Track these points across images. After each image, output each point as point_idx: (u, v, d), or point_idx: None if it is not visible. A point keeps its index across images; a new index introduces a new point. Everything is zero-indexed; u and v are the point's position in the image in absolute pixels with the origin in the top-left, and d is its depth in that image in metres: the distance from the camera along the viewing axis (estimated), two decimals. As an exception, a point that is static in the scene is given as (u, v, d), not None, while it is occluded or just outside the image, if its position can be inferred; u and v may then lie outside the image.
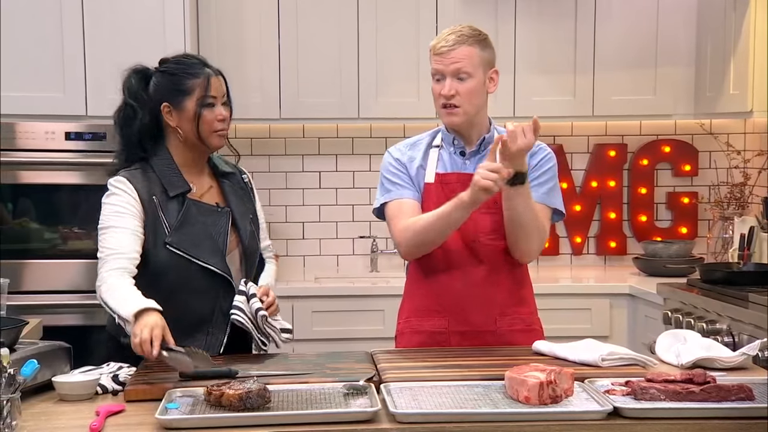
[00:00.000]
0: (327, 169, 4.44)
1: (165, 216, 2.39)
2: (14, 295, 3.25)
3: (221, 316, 2.43)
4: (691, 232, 4.48)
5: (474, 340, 2.51)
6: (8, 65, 3.66)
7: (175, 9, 3.72)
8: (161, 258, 2.38)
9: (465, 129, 2.55)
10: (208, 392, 1.89)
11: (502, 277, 2.55)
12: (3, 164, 3.63)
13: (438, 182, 2.53)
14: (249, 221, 2.55)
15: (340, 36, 4.11)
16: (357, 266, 4.45)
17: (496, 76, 2.54)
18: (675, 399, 1.89)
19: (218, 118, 2.42)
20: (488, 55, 2.51)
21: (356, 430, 1.80)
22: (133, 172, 2.43)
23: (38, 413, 1.92)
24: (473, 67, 2.46)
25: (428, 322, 2.57)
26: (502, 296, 2.55)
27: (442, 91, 2.48)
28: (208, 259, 2.40)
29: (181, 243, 2.38)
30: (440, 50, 2.47)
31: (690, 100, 4.20)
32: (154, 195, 2.40)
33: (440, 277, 2.54)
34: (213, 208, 2.47)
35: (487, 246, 2.52)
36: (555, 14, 4.14)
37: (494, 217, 2.50)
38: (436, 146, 2.59)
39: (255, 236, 2.57)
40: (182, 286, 2.39)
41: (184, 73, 2.44)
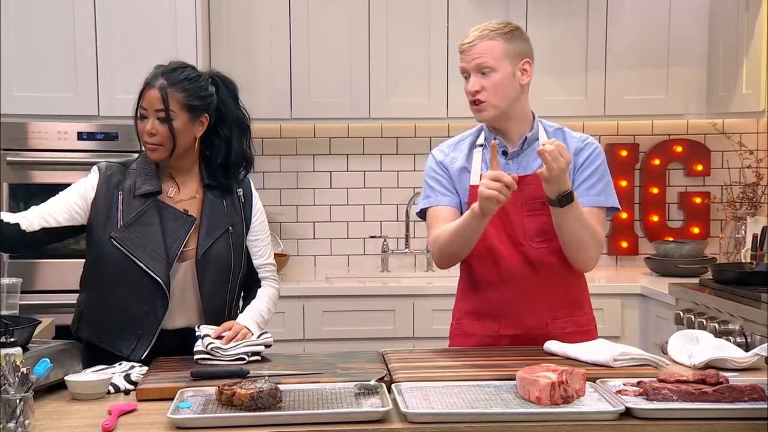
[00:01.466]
0: (338, 169, 4.44)
1: (123, 210, 2.40)
2: (27, 295, 3.27)
3: (153, 321, 2.39)
4: (704, 232, 4.46)
5: (526, 343, 2.45)
6: (21, 65, 3.68)
7: (186, 10, 3.73)
8: (105, 248, 2.39)
9: (501, 124, 2.49)
10: (220, 392, 1.89)
11: (554, 279, 2.48)
12: (16, 164, 3.65)
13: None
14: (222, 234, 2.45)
15: (351, 36, 4.11)
16: (368, 266, 4.45)
17: (530, 67, 2.48)
18: (687, 399, 1.89)
19: (145, 130, 2.39)
20: (516, 47, 2.45)
21: (367, 429, 1.80)
22: (114, 164, 2.49)
23: (51, 412, 1.92)
24: (495, 61, 2.42)
25: (479, 325, 2.52)
26: (554, 299, 2.49)
27: (467, 88, 2.46)
28: (147, 262, 2.37)
29: (125, 240, 2.38)
30: (463, 48, 2.46)
31: (702, 100, 4.19)
32: (122, 190, 2.42)
33: (491, 281, 2.49)
34: (178, 214, 2.43)
35: (537, 249, 2.46)
36: (566, 14, 4.13)
37: (542, 218, 2.44)
38: (480, 145, 2.53)
39: (231, 251, 2.47)
40: (121, 281, 2.39)
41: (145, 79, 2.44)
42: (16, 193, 3.67)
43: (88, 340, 2.44)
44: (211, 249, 2.44)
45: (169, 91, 2.37)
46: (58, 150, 3.68)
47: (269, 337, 2.38)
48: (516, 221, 2.46)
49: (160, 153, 2.40)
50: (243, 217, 2.53)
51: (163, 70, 2.41)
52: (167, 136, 2.37)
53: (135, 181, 2.43)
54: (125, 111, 3.63)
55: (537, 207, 2.44)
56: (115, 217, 2.40)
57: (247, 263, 2.55)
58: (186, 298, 2.44)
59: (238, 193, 2.53)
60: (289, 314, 3.80)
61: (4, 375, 1.76)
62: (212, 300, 2.46)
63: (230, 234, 2.48)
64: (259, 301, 2.53)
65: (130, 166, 2.47)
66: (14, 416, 1.75)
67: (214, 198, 2.48)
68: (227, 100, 2.49)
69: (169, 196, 2.45)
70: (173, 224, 2.41)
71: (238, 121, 2.51)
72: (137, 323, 2.39)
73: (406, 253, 4.44)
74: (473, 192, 2.42)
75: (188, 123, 2.40)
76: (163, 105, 2.36)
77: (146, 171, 2.44)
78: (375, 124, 4.29)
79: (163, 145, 2.38)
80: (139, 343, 2.39)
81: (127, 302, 2.39)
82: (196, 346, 2.29)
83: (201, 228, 2.44)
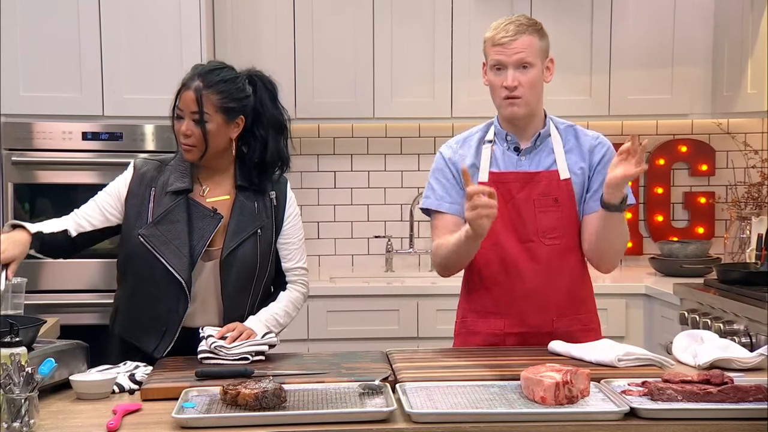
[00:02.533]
0: (342, 169, 4.44)
1: (153, 207, 2.41)
2: (32, 295, 3.27)
3: (175, 318, 2.40)
4: (708, 232, 4.46)
5: (531, 341, 2.45)
6: (26, 66, 3.69)
7: (191, 10, 3.73)
8: (133, 244, 2.41)
9: (524, 122, 2.48)
10: (224, 391, 1.89)
11: (561, 277, 2.47)
12: (21, 164, 3.66)
13: (493, 182, 2.44)
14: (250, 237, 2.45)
15: (355, 36, 4.11)
16: (372, 266, 4.45)
17: (552, 66, 2.50)
18: (692, 400, 1.88)
19: (181, 130, 2.40)
20: (545, 44, 2.47)
21: (372, 429, 1.80)
22: (152, 161, 2.51)
23: (56, 412, 1.93)
24: (534, 57, 2.42)
25: (484, 323, 2.52)
26: (560, 297, 2.48)
27: (504, 83, 2.41)
28: (170, 260, 2.38)
29: (152, 237, 2.39)
30: (501, 41, 2.42)
31: (707, 100, 4.18)
32: (154, 186, 2.44)
33: (497, 278, 2.48)
34: (206, 212, 2.43)
35: (546, 246, 2.46)
36: (571, 14, 4.13)
37: (554, 215, 2.45)
38: (489, 141, 2.51)
39: (258, 254, 2.46)
40: (148, 278, 2.41)
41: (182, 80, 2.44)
42: (21, 193, 3.67)
43: (120, 335, 2.48)
44: (237, 251, 2.43)
45: (204, 93, 2.37)
46: (63, 150, 3.68)
47: (273, 337, 2.38)
48: (527, 217, 2.45)
49: (194, 154, 2.41)
50: (273, 220, 2.51)
51: (200, 71, 2.42)
52: (200, 138, 2.38)
53: (168, 178, 2.44)
54: (130, 111, 3.71)
55: (549, 204, 2.45)
56: (145, 214, 2.42)
57: (276, 266, 2.54)
58: (209, 299, 2.45)
59: (270, 196, 2.52)
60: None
61: (9, 374, 1.77)
62: (233, 302, 2.45)
63: (258, 237, 2.47)
64: (276, 305, 2.51)
65: (167, 164, 2.49)
66: (19, 416, 1.75)
67: (245, 200, 2.48)
68: (265, 100, 2.49)
69: (201, 195, 2.46)
70: (200, 222, 2.42)
71: (275, 121, 2.51)
72: (161, 320, 2.41)
73: (410, 253, 4.44)
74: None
75: (223, 125, 2.41)
76: (198, 107, 2.37)
77: (180, 168, 2.46)
78: (379, 124, 4.29)
79: (196, 147, 2.40)
80: (162, 340, 2.40)
81: (153, 298, 2.41)
82: (200, 346, 2.30)
83: (228, 229, 2.44)
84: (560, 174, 2.47)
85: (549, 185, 2.45)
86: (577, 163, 2.49)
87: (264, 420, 1.81)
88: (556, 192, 2.44)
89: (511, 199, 2.46)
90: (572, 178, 2.48)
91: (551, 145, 2.50)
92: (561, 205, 2.45)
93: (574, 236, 2.49)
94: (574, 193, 2.47)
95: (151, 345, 2.41)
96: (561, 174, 2.47)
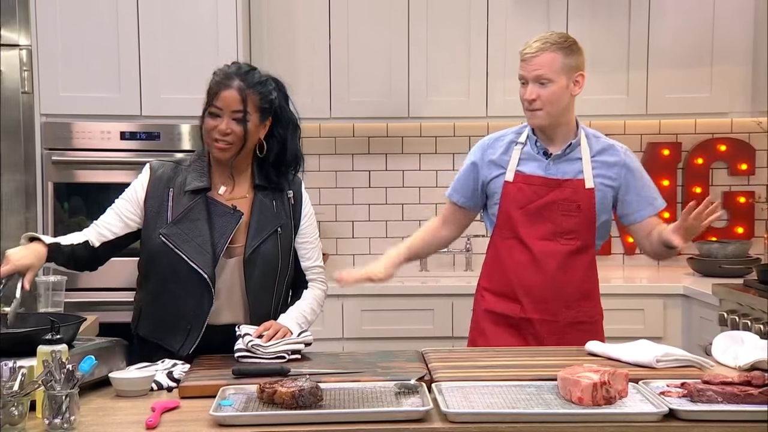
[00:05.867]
0: (377, 168, 4.45)
1: (173, 207, 2.43)
2: (71, 293, 3.32)
3: (200, 316, 2.41)
4: (748, 232, 4.40)
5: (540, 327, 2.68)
6: (65, 67, 3.74)
7: (227, 11, 3.76)
8: (155, 244, 2.43)
9: (550, 129, 2.70)
10: (261, 390, 1.90)
11: (572, 273, 2.69)
12: (60, 163, 3.71)
13: (519, 182, 2.70)
14: (271, 235, 2.47)
15: (390, 35, 4.11)
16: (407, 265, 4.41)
17: (582, 79, 2.68)
18: (732, 401, 1.86)
19: (217, 129, 2.40)
20: (573, 60, 2.65)
21: (408, 429, 1.80)
22: (167, 161, 2.54)
23: (95, 408, 1.95)
24: (554, 73, 2.62)
25: (499, 303, 2.74)
26: (568, 292, 2.69)
27: (524, 96, 2.66)
28: (193, 257, 2.39)
29: (173, 236, 2.41)
30: (524, 57, 2.66)
31: (747, 98, 4.12)
32: (172, 187, 2.45)
33: (516, 268, 2.71)
34: (226, 210, 2.45)
35: (563, 246, 2.69)
36: (608, 12, 4.09)
37: (574, 220, 2.68)
38: (520, 143, 2.74)
39: (279, 252, 2.48)
40: (171, 277, 2.42)
41: (215, 77, 2.46)
42: (60, 192, 3.72)
43: (144, 337, 2.49)
44: (259, 249, 2.45)
45: (247, 92, 2.41)
46: (102, 150, 3.73)
47: (309, 335, 2.39)
48: (550, 219, 2.68)
49: (229, 153, 2.43)
50: (292, 219, 2.54)
51: (237, 71, 2.44)
52: (240, 137, 2.41)
53: (186, 178, 2.46)
54: (168, 111, 3.74)
55: (572, 209, 2.68)
56: (165, 214, 2.43)
57: (295, 265, 2.56)
58: (233, 295, 2.46)
59: (288, 195, 2.55)
60: (329, 313, 3.81)
61: (50, 371, 1.79)
62: (258, 299, 2.47)
63: (279, 235, 2.49)
64: (303, 302, 2.54)
65: (183, 164, 2.51)
66: (60, 412, 1.78)
67: (264, 199, 2.50)
68: (282, 101, 2.52)
69: (219, 194, 2.47)
70: (221, 219, 2.43)
71: (292, 122, 2.54)
72: (186, 318, 2.42)
73: (445, 252, 4.42)
74: (506, 187, 2.71)
75: (257, 125, 2.44)
76: (242, 106, 2.40)
77: (197, 168, 2.48)
78: (414, 123, 4.28)
79: (233, 145, 2.42)
80: (187, 338, 2.42)
81: (177, 298, 2.42)
82: (237, 344, 2.31)
83: (250, 227, 2.46)
84: (586, 183, 2.69)
85: (574, 193, 2.68)
86: (606, 176, 2.71)
87: (300, 418, 1.82)
88: (580, 199, 2.67)
89: (536, 200, 2.68)
90: (597, 188, 2.69)
91: (579, 154, 2.71)
92: (582, 211, 2.68)
93: (589, 238, 2.72)
94: (596, 201, 2.69)
95: (177, 344, 2.42)
96: (586, 183, 2.69)
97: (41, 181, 3.71)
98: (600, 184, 2.69)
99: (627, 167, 2.73)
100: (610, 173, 2.71)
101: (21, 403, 1.77)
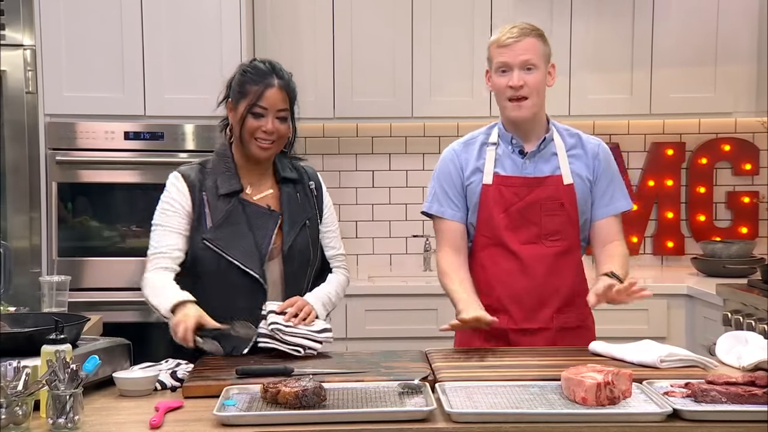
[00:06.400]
0: (380, 168, 4.45)
1: (210, 212, 2.43)
2: (75, 292, 3.33)
3: (255, 315, 2.40)
4: (752, 232, 4.39)
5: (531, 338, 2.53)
6: (69, 66, 3.74)
7: (231, 12, 3.77)
8: (199, 251, 2.42)
9: (528, 125, 2.55)
10: (265, 389, 1.90)
11: (561, 277, 2.56)
12: (64, 163, 3.71)
13: (498, 185, 2.55)
14: (302, 228, 2.49)
15: (394, 35, 4.11)
16: (410, 265, 4.45)
17: (554, 71, 2.58)
18: (737, 402, 1.85)
19: (262, 128, 2.41)
20: (548, 50, 2.55)
21: (411, 428, 1.80)
22: (193, 166, 2.51)
23: (99, 408, 1.95)
24: (538, 60, 2.49)
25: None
26: (559, 296, 2.55)
27: (510, 83, 2.48)
28: (242, 260, 2.40)
29: (218, 240, 2.41)
30: (506, 42, 2.49)
31: (751, 98, 4.12)
32: (205, 190, 2.45)
33: (500, 277, 2.56)
34: (263, 211, 2.46)
35: (548, 248, 2.54)
36: (612, 12, 4.09)
37: (559, 219, 2.54)
38: (493, 144, 2.58)
39: (310, 244, 2.51)
40: (219, 281, 2.42)
41: (250, 76, 2.45)
42: (64, 192, 3.73)
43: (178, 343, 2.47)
44: (295, 242, 2.47)
45: (288, 90, 2.44)
46: (106, 149, 3.73)
47: (330, 336, 2.39)
48: (532, 220, 2.54)
49: (271, 152, 2.46)
50: (316, 210, 2.57)
51: (272, 69, 2.45)
52: (284, 135, 2.45)
53: (215, 182, 2.46)
54: (171, 111, 3.74)
55: (555, 208, 2.54)
56: (204, 219, 2.43)
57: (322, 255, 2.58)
58: (275, 291, 2.47)
59: (309, 186, 2.57)
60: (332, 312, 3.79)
61: (54, 371, 1.80)
62: (294, 292, 2.48)
63: (307, 228, 2.51)
64: (328, 285, 2.56)
65: (207, 166, 2.50)
66: (64, 412, 1.78)
67: (290, 192, 2.52)
68: None
69: (247, 192, 2.48)
70: (259, 221, 2.45)
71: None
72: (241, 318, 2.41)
73: (448, 252, 4.42)
74: (485, 190, 2.55)
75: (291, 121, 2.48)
76: (287, 105, 2.43)
77: (224, 170, 2.47)
78: (417, 123, 4.29)
79: (276, 143, 2.44)
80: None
81: (229, 301, 2.41)
82: (260, 325, 2.34)
83: (284, 223, 2.47)
84: (564, 179, 2.56)
85: (556, 190, 2.54)
86: (581, 169, 2.58)
87: (304, 418, 1.82)
88: (561, 196, 2.53)
89: (516, 202, 2.54)
90: (575, 183, 2.56)
91: (554, 149, 2.58)
92: (565, 209, 2.54)
93: (575, 238, 2.58)
94: (576, 197, 2.56)
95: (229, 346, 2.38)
96: (564, 179, 2.56)
97: (45, 181, 3.72)
98: (577, 178, 2.56)
99: (599, 159, 2.58)
100: (585, 166, 2.58)
101: (25, 403, 1.78)
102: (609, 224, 2.61)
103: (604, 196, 2.59)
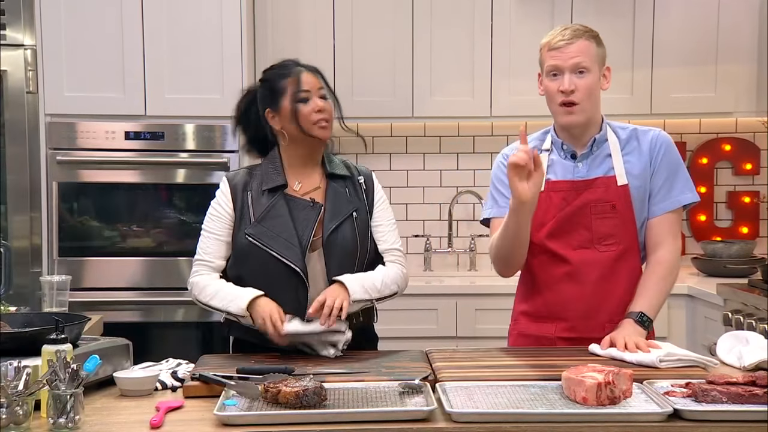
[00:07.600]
0: (381, 168, 4.44)
1: (254, 208, 2.46)
2: (75, 292, 3.33)
3: (299, 310, 2.41)
4: (753, 232, 4.39)
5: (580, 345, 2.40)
6: (70, 66, 3.74)
7: (232, 12, 3.77)
8: (242, 245, 2.45)
9: (580, 130, 2.46)
10: (265, 389, 1.90)
11: (615, 284, 2.44)
12: (65, 163, 3.71)
13: (549, 190, 2.45)
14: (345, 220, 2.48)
15: (394, 34, 4.11)
16: (411, 265, 4.39)
17: (609, 74, 2.49)
18: (737, 401, 1.85)
19: (315, 109, 2.46)
20: (602, 51, 2.47)
21: (412, 428, 1.80)
22: (241, 169, 2.58)
23: (100, 408, 1.95)
24: (591, 62, 2.40)
25: (535, 325, 2.52)
26: (612, 304, 2.44)
27: (561, 87, 2.39)
28: (282, 252, 2.41)
29: (259, 234, 2.43)
30: (557, 45, 2.40)
31: (752, 98, 4.12)
32: (250, 190, 2.49)
33: (550, 283, 2.48)
34: (306, 204, 2.48)
35: (602, 253, 2.44)
36: (612, 12, 4.09)
37: (611, 222, 2.43)
38: (546, 150, 2.49)
39: (357, 236, 2.49)
40: (261, 275, 2.43)
41: (276, 76, 2.50)
42: (65, 192, 3.73)
43: (240, 338, 2.49)
44: (336, 233, 2.46)
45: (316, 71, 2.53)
46: (106, 149, 3.74)
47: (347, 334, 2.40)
48: (583, 224, 2.44)
49: (330, 129, 2.53)
50: (366, 203, 2.57)
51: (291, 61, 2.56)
52: (331, 111, 2.53)
53: (261, 179, 2.49)
54: (172, 111, 3.74)
55: (606, 210, 2.43)
56: (247, 216, 2.46)
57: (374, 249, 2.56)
58: (317, 285, 2.45)
59: (359, 181, 2.59)
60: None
61: (54, 371, 1.80)
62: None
63: (354, 219, 2.51)
64: (376, 272, 2.51)
65: (255, 170, 2.54)
66: (64, 411, 1.78)
67: (338, 187, 2.54)
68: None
69: (294, 189, 2.50)
70: (301, 213, 2.46)
71: None
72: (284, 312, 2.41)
73: (449, 252, 4.43)
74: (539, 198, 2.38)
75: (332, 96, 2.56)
76: (323, 83, 2.51)
77: (270, 168, 2.51)
78: (418, 123, 4.28)
79: (330, 121, 2.52)
80: None
81: (271, 295, 2.40)
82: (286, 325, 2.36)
83: (326, 215, 2.48)
84: (617, 179, 2.44)
85: (606, 191, 2.43)
86: (636, 167, 2.46)
87: (305, 418, 1.82)
88: (613, 198, 2.42)
89: (566, 206, 2.45)
90: (631, 182, 2.44)
91: (608, 150, 2.47)
92: (618, 212, 2.42)
93: (632, 242, 2.46)
94: (632, 198, 2.44)
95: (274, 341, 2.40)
96: (618, 179, 2.44)
97: (46, 180, 3.72)
98: (632, 178, 2.43)
99: (656, 149, 2.46)
100: (640, 161, 2.45)
101: (25, 403, 1.78)
102: (661, 223, 2.46)
103: (662, 189, 2.45)
